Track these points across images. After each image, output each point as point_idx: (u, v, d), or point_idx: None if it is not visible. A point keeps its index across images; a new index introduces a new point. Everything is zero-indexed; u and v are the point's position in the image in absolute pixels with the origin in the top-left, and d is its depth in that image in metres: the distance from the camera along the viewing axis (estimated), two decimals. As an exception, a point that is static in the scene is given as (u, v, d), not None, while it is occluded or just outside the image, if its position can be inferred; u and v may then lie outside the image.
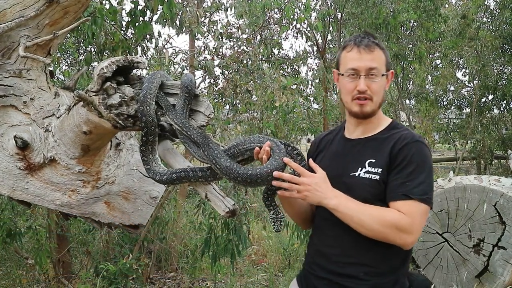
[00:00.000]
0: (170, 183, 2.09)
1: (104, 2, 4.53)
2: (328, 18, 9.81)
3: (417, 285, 2.10)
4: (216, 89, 6.14)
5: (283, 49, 8.92)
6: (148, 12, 4.63)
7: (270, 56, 8.31)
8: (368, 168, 1.94)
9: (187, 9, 5.83)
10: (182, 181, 2.03)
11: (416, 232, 1.85)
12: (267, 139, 1.98)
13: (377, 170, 1.92)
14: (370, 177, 1.92)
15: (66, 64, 7.09)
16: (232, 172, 1.90)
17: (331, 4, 10.44)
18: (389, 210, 1.86)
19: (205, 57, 6.22)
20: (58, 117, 2.39)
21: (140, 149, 2.12)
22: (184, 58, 6.63)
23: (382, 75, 1.98)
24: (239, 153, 1.99)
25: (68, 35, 4.62)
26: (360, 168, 1.95)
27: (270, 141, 1.96)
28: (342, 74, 2.01)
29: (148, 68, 5.68)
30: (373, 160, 1.94)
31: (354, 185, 1.93)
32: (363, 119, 2.02)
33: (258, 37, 7.90)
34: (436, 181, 8.87)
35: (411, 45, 11.40)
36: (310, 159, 2.03)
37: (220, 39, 6.20)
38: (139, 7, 4.57)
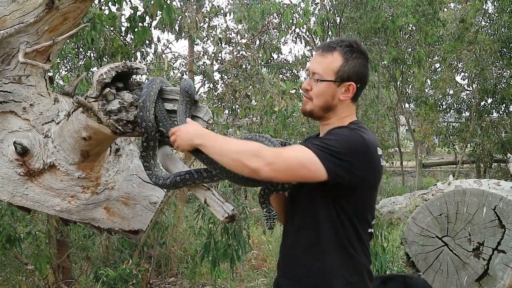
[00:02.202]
0: (175, 187, 2.08)
1: (103, 8, 4.54)
2: (327, 23, 9.82)
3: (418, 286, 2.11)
4: (216, 94, 6.14)
5: (282, 54, 8.94)
6: (147, 17, 4.65)
7: (269, 60, 8.32)
8: None
9: (186, 14, 5.84)
10: (187, 183, 2.02)
11: (272, 161, 1.77)
12: (265, 138, 1.99)
13: None
14: None
15: (66, 69, 7.10)
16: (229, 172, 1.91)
17: (330, 8, 10.46)
18: (255, 142, 1.88)
19: (204, 62, 6.22)
20: (58, 123, 2.39)
21: (141, 155, 2.12)
22: (184, 63, 6.63)
23: (323, 81, 1.96)
24: None
25: (68, 40, 4.63)
26: None
27: (266, 140, 1.97)
28: None
29: (147, 73, 5.69)
30: None
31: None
32: (306, 116, 2.07)
33: (257, 42, 7.91)
34: (436, 184, 8.89)
35: (410, 49, 11.42)
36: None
37: (219, 44, 6.20)
38: (138, 13, 4.58)
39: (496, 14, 13.20)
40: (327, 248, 1.95)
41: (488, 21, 13.47)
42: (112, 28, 4.68)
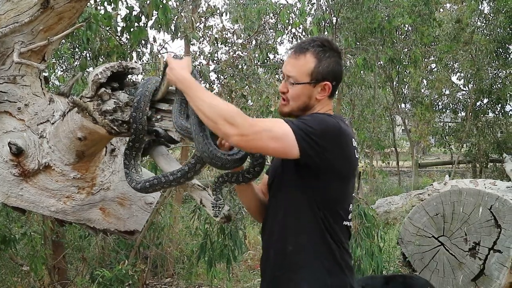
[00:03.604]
0: (144, 191, 2.10)
1: (99, 7, 4.53)
2: (324, 23, 9.82)
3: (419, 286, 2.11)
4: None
5: (278, 54, 8.92)
6: (143, 17, 4.64)
7: (266, 60, 8.31)
8: None
9: (182, 14, 5.84)
10: (156, 188, 2.05)
11: (245, 132, 1.77)
12: None
13: None
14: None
15: (62, 69, 7.08)
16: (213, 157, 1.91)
17: (326, 8, 10.46)
18: (233, 106, 1.85)
19: (200, 62, 6.23)
20: (53, 123, 2.38)
21: (124, 152, 2.13)
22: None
23: (300, 83, 1.97)
24: None
25: (63, 40, 4.62)
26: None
27: None
28: None
29: (143, 73, 5.68)
30: None
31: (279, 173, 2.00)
32: (284, 117, 2.04)
33: (254, 42, 7.91)
34: (432, 184, 8.90)
35: (406, 49, 11.44)
36: None
37: (215, 44, 6.20)
38: (134, 13, 4.57)
39: (492, 15, 13.23)
40: (302, 236, 1.95)
41: (484, 22, 13.50)
42: (107, 28, 4.67)
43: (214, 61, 6.23)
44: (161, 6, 4.34)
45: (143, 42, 5.49)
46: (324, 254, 1.94)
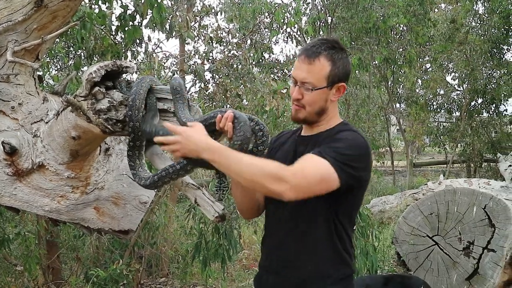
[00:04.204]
0: (154, 186, 2.08)
1: (93, 6, 4.51)
2: (319, 23, 9.84)
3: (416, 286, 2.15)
4: (207, 93, 6.13)
5: (273, 53, 8.93)
6: (137, 16, 4.63)
7: (261, 60, 8.31)
8: None
9: (177, 13, 5.84)
10: (165, 180, 2.01)
11: (298, 183, 1.76)
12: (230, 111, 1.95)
13: None
14: None
15: (56, 68, 7.07)
16: None
17: (321, 8, 10.48)
18: (271, 162, 1.84)
19: (195, 62, 6.22)
20: (47, 122, 2.37)
21: (127, 154, 2.12)
22: (174, 63, 6.61)
23: (318, 89, 1.95)
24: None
25: (58, 39, 4.61)
26: None
27: (232, 113, 1.93)
28: None
29: (138, 72, 5.67)
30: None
31: None
32: (297, 123, 2.06)
33: (249, 41, 7.91)
34: (427, 184, 8.92)
35: (401, 49, 11.49)
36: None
37: (210, 44, 6.20)
38: (129, 12, 4.56)
39: (486, 15, 13.29)
40: (319, 246, 1.97)
41: (479, 22, 13.56)
42: (102, 27, 4.66)
43: (209, 61, 6.22)
44: (155, 5, 4.34)
45: (137, 41, 5.48)
46: (338, 264, 1.99)
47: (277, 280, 2.04)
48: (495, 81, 13.96)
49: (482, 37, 13.01)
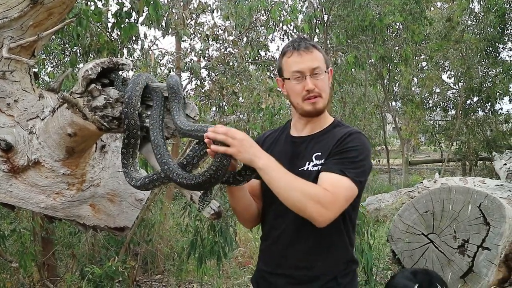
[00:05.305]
0: (144, 188, 2.08)
1: (89, 3, 4.50)
2: (315, 20, 9.84)
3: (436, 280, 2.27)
4: (203, 91, 6.13)
5: (269, 51, 8.94)
6: (134, 13, 4.62)
7: (257, 58, 8.32)
8: (315, 161, 2.02)
9: (173, 10, 5.82)
10: (156, 183, 2.02)
11: (334, 210, 1.87)
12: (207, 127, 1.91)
13: (322, 161, 2.00)
14: (318, 169, 1.99)
15: (52, 65, 7.04)
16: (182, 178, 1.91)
17: (317, 6, 10.48)
18: (315, 185, 1.90)
19: (191, 59, 6.21)
20: (43, 119, 2.37)
21: (121, 152, 2.11)
22: (171, 60, 6.61)
23: (326, 71, 2.09)
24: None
25: (53, 36, 4.59)
26: (308, 162, 2.04)
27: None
28: (288, 79, 2.09)
29: (134, 69, 5.66)
30: (319, 153, 2.04)
31: (303, 178, 1.97)
32: (316, 116, 2.11)
33: (245, 39, 7.91)
34: (422, 182, 8.95)
35: (397, 48, 11.49)
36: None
37: (207, 41, 6.19)
38: (125, 9, 4.55)
39: (482, 14, 13.33)
40: (330, 247, 2.04)
41: (475, 20, 13.60)
42: (98, 24, 4.65)
43: (205, 58, 6.21)
44: (152, 2, 4.33)
45: (134, 38, 5.46)
46: (348, 258, 2.10)
47: (289, 280, 2.06)
48: (490, 79, 14.01)
49: (478, 36, 13.05)
